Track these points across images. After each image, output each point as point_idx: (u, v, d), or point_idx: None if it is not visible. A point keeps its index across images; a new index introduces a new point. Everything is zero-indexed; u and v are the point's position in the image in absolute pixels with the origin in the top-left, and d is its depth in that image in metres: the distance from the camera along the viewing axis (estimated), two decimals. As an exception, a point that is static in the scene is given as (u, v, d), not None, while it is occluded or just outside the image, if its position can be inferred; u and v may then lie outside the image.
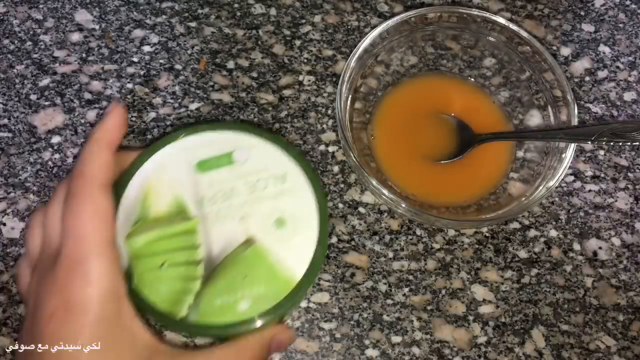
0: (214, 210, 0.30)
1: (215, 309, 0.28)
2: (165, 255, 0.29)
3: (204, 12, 0.47)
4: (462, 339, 0.37)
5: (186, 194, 0.30)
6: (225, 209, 0.30)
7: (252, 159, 0.32)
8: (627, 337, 0.38)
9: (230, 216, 0.30)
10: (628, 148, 0.44)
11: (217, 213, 0.30)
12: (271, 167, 0.31)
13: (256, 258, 0.29)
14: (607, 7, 0.49)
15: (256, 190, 0.31)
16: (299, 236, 0.30)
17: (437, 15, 0.41)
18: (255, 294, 0.29)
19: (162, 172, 0.31)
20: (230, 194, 0.30)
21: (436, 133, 0.42)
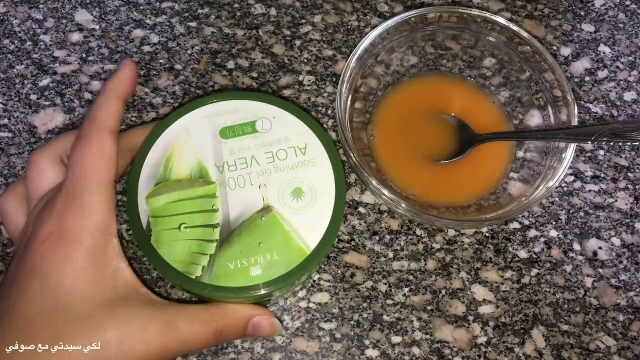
0: (234, 176, 0.31)
1: (228, 272, 0.29)
2: (184, 216, 0.30)
3: (204, 12, 0.47)
4: (462, 339, 0.37)
5: (208, 158, 0.31)
6: (245, 176, 0.31)
7: (275, 129, 0.32)
8: (627, 337, 0.38)
9: (249, 183, 0.31)
10: (628, 148, 0.44)
11: (237, 179, 0.30)
12: (292, 138, 0.32)
13: (272, 225, 0.30)
14: (607, 7, 0.49)
15: (276, 160, 0.31)
16: (316, 207, 0.31)
17: (437, 15, 0.41)
18: (268, 260, 0.29)
19: (187, 136, 0.32)
20: (250, 162, 0.31)
21: (436, 133, 0.42)
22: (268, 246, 0.30)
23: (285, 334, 0.37)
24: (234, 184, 0.30)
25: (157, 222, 0.29)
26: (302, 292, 0.38)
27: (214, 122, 0.32)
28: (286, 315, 0.37)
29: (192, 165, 0.31)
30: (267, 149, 0.32)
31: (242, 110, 0.33)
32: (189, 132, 0.32)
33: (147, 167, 0.31)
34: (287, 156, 0.31)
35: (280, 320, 0.37)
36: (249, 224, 0.30)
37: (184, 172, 0.30)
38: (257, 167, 0.31)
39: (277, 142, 0.32)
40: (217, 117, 0.32)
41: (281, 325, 0.36)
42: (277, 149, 0.32)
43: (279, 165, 0.31)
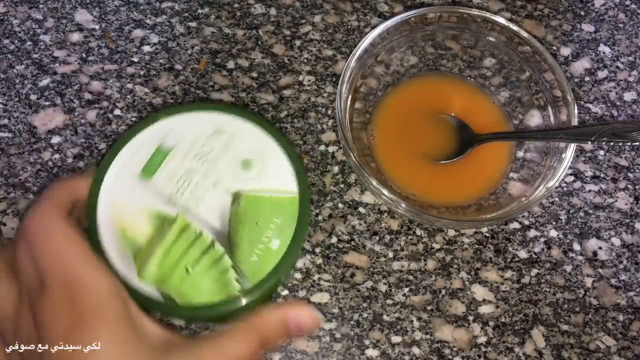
0: (187, 196, 0.30)
1: (257, 263, 0.29)
2: (182, 260, 0.29)
3: (204, 12, 0.47)
4: (462, 339, 0.37)
5: (154, 204, 0.30)
6: (196, 188, 0.30)
7: (183, 137, 0.32)
8: (627, 337, 0.38)
9: (204, 190, 0.30)
10: (628, 148, 0.44)
11: (192, 196, 0.30)
12: (200, 131, 0.32)
13: (253, 202, 0.30)
14: (607, 7, 0.49)
15: (206, 155, 0.31)
16: (271, 164, 0.31)
17: (437, 15, 0.41)
18: (275, 228, 0.30)
19: (117, 204, 0.30)
20: (189, 175, 0.31)
21: (436, 133, 0.42)
22: (265, 218, 0.30)
23: (285, 334, 0.37)
24: (194, 202, 0.30)
25: (167, 285, 0.29)
26: (303, 292, 0.38)
27: (129, 170, 0.31)
28: (286, 315, 0.37)
29: (147, 221, 0.30)
30: (190, 155, 0.31)
31: (145, 143, 0.31)
32: (118, 198, 0.30)
33: (110, 250, 0.29)
34: (212, 147, 0.31)
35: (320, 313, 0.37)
36: (234, 219, 0.30)
37: (145, 231, 0.30)
38: (198, 173, 0.31)
39: (192, 143, 0.31)
40: (128, 163, 0.31)
41: (321, 316, 0.34)
42: (198, 146, 0.31)
43: (212, 157, 0.31)
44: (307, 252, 0.39)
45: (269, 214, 0.30)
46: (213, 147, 0.31)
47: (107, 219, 0.30)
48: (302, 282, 0.38)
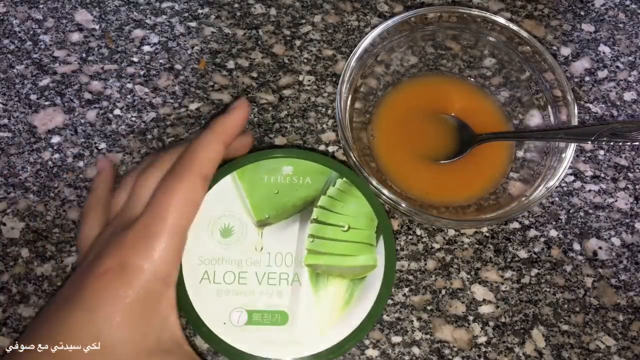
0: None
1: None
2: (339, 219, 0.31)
3: (204, 12, 0.47)
4: (462, 339, 0.37)
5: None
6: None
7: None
8: (627, 337, 0.38)
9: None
10: (628, 148, 0.44)
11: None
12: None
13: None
14: (607, 7, 0.49)
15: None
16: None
17: (437, 15, 0.41)
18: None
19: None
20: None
21: (436, 133, 0.42)
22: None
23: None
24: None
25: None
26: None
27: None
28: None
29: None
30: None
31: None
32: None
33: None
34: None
35: None
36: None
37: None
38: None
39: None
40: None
41: None
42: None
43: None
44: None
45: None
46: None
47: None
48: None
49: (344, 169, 0.32)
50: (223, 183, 0.30)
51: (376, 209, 0.31)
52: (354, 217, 0.31)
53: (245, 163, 0.31)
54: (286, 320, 0.28)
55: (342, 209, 0.31)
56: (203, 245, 0.29)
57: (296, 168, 0.31)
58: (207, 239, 0.29)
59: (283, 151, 0.32)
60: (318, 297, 0.29)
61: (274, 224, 0.30)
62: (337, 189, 0.31)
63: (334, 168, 0.32)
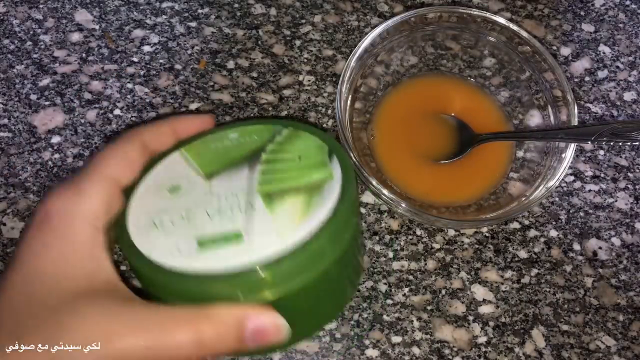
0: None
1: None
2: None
3: (204, 12, 0.47)
4: (462, 339, 0.37)
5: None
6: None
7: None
8: (627, 337, 0.38)
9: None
10: (628, 148, 0.44)
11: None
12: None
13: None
14: (607, 7, 0.49)
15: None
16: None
17: (437, 15, 0.41)
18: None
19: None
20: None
21: (436, 133, 0.42)
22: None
23: (285, 334, 0.37)
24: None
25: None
26: (302, 292, 0.38)
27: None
28: (286, 315, 0.37)
29: None
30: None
31: None
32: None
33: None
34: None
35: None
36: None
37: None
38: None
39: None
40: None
41: (288, 325, 0.27)
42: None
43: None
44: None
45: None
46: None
47: None
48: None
49: (288, 122, 0.32)
50: (171, 158, 0.30)
51: (324, 139, 0.31)
52: (303, 150, 0.31)
53: (192, 141, 0.31)
54: (241, 239, 0.26)
55: (290, 147, 0.31)
56: (150, 203, 0.29)
57: (242, 132, 0.32)
58: (153, 199, 0.29)
59: (228, 126, 0.32)
60: (274, 214, 0.27)
61: (222, 172, 0.30)
62: (284, 135, 0.31)
63: (279, 123, 0.32)
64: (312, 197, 0.28)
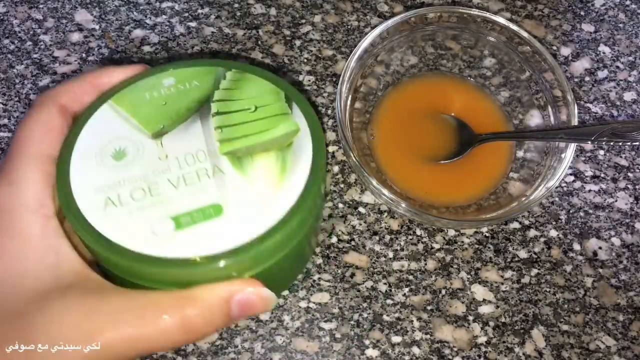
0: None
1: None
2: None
3: (204, 12, 0.47)
4: (462, 339, 0.37)
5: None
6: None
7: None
8: (627, 337, 0.38)
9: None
10: (628, 148, 0.44)
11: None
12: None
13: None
14: (607, 7, 0.49)
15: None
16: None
17: (437, 15, 0.41)
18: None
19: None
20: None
21: (436, 133, 0.42)
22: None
23: (285, 334, 0.37)
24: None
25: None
26: (302, 292, 0.38)
27: None
28: (286, 315, 0.37)
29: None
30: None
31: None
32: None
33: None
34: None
35: (280, 320, 0.37)
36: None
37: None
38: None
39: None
40: None
41: (275, 297, 0.26)
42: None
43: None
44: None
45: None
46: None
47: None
48: (302, 282, 0.38)
49: (229, 62, 0.30)
50: (100, 114, 0.27)
51: (276, 82, 0.29)
52: (256, 97, 0.28)
53: (120, 89, 0.28)
54: (221, 211, 0.24)
55: (241, 94, 0.28)
56: (95, 175, 0.25)
57: (178, 77, 0.28)
58: (97, 167, 0.25)
59: (158, 67, 0.29)
60: (248, 177, 0.25)
61: (171, 130, 0.27)
62: (230, 80, 0.29)
63: (218, 65, 0.29)
64: (284, 155, 0.26)
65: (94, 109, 0.27)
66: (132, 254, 0.23)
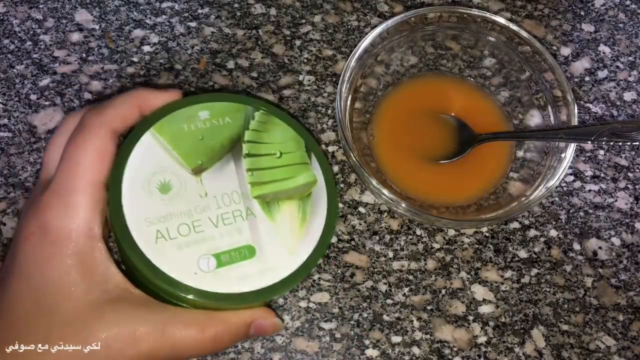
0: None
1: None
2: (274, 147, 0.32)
3: (204, 12, 0.47)
4: (462, 339, 0.37)
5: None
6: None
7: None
8: (627, 337, 0.38)
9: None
10: (628, 148, 0.44)
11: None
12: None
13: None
14: (607, 7, 0.49)
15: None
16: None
17: (437, 15, 0.41)
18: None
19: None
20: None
21: (436, 133, 0.42)
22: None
23: (285, 334, 0.37)
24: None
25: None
26: (302, 292, 0.38)
27: None
28: (286, 315, 0.37)
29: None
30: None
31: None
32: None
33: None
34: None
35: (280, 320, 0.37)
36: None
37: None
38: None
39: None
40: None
41: (282, 323, 0.35)
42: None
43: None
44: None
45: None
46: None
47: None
48: (302, 282, 0.38)
49: (258, 101, 0.33)
50: (144, 141, 0.29)
51: (299, 131, 0.32)
52: (281, 143, 0.31)
53: (160, 117, 0.30)
54: (254, 253, 0.28)
55: (268, 138, 0.31)
56: (145, 206, 0.28)
57: (212, 111, 0.31)
58: (148, 200, 0.28)
59: (194, 98, 0.32)
60: (275, 223, 0.29)
61: (209, 168, 0.30)
62: (258, 121, 0.32)
63: (249, 103, 0.32)
64: (305, 205, 0.30)
65: (138, 135, 0.30)
66: (180, 284, 0.27)
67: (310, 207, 0.30)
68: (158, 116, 0.30)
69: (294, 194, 0.30)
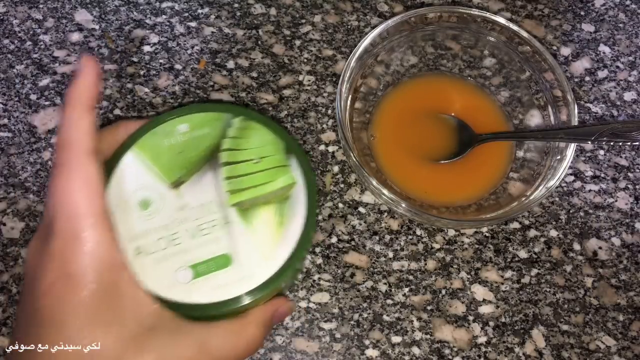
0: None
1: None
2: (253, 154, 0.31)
3: (204, 12, 0.47)
4: (462, 339, 0.37)
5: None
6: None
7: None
8: (627, 337, 0.38)
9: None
10: (628, 148, 0.44)
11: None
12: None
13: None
14: (607, 7, 0.49)
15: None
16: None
17: (437, 15, 0.41)
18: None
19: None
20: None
21: (436, 133, 0.42)
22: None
23: (285, 334, 0.37)
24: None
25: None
26: (302, 292, 0.38)
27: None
28: (286, 315, 0.37)
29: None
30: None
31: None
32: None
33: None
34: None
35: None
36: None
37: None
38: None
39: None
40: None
41: (295, 303, 0.38)
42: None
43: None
44: (308, 252, 0.39)
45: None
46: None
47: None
48: (302, 282, 0.38)
49: (236, 109, 0.33)
50: (126, 160, 0.30)
51: (278, 133, 0.32)
52: (260, 148, 0.31)
53: (141, 135, 0.31)
54: (230, 261, 0.28)
55: (247, 144, 0.31)
56: (125, 223, 0.29)
57: (191, 123, 0.32)
58: (128, 217, 0.29)
59: (175, 112, 0.32)
60: (253, 229, 0.29)
61: (188, 180, 0.30)
62: (236, 128, 0.32)
63: (228, 111, 0.32)
64: (283, 208, 0.30)
65: (120, 154, 0.30)
66: (160, 298, 0.27)
67: (288, 210, 0.30)
68: (139, 135, 0.31)
69: (272, 198, 0.30)
